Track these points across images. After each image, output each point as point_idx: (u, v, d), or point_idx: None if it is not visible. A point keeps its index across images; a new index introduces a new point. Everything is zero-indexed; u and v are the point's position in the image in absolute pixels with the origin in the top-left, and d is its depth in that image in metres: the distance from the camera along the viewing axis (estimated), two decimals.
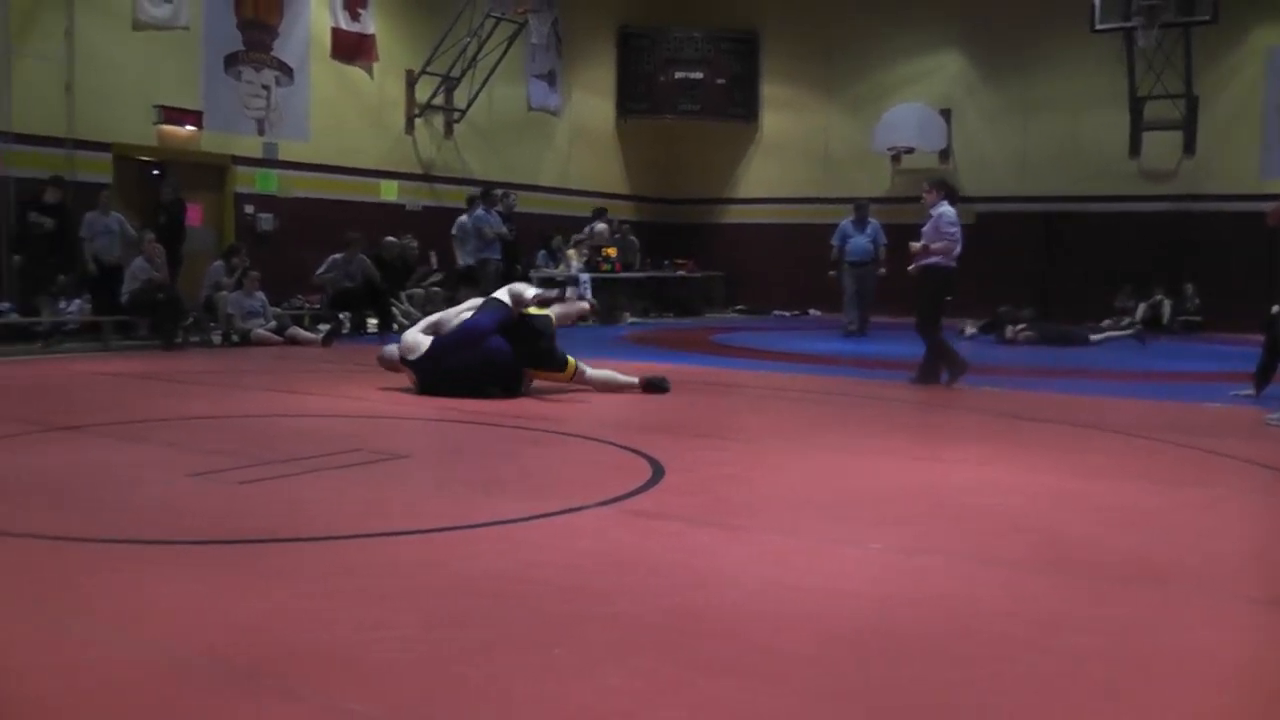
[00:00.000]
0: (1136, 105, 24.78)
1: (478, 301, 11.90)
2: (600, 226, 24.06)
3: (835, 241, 20.49)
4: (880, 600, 4.64)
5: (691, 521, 5.97)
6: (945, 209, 12.48)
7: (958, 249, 12.45)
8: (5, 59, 16.80)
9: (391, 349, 11.76)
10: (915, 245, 12.60)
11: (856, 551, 5.44)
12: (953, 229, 12.37)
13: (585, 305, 12.71)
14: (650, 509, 6.27)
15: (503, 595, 4.59)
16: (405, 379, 11.28)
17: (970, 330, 20.07)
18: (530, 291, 11.83)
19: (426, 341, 11.16)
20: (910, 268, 12.87)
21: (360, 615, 4.31)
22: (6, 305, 16.27)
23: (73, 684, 3.60)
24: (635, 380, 11.54)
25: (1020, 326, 19.42)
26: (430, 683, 3.65)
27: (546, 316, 11.55)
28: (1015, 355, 17.24)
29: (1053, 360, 16.42)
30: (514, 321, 11.25)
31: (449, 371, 10.89)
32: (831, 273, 20.65)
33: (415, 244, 20.85)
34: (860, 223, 20.40)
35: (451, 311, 11.83)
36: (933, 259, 12.37)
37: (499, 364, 10.96)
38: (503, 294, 11.52)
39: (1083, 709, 3.57)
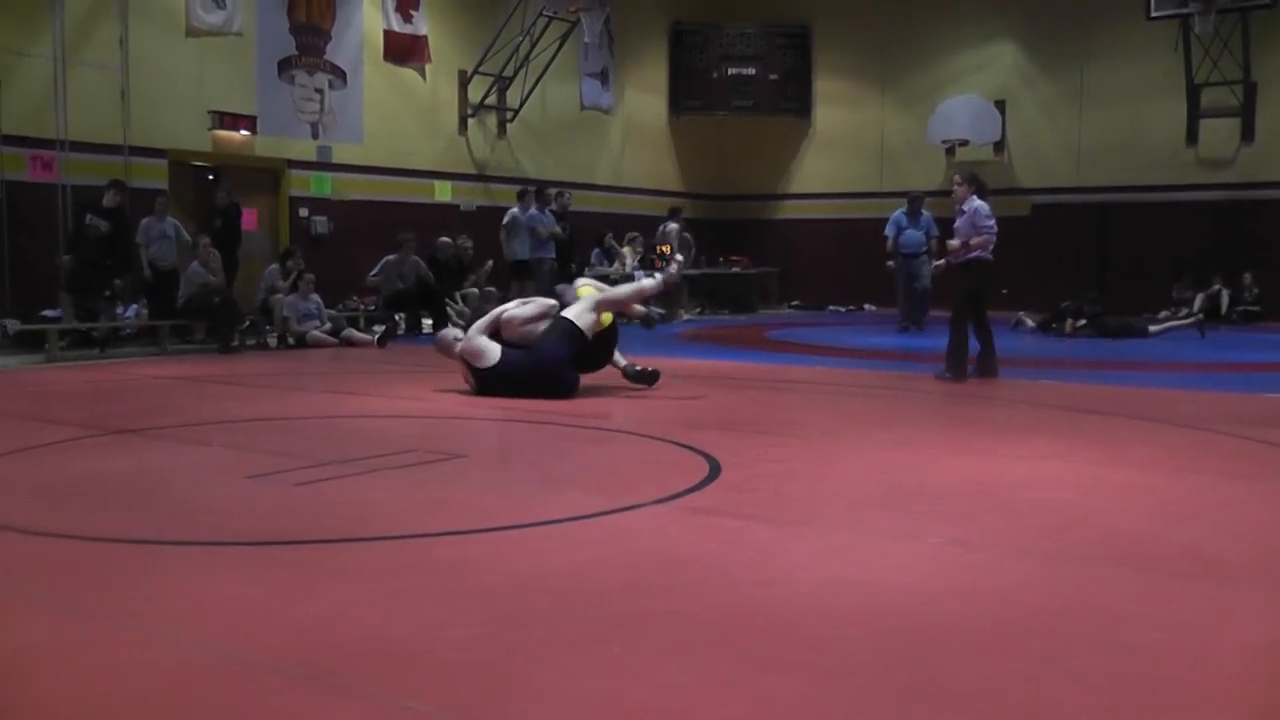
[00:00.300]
0: (1193, 93, 24.57)
1: (544, 302, 11.58)
2: (672, 226, 24.00)
3: (889, 232, 20.36)
4: (938, 595, 4.62)
5: (749, 518, 5.96)
6: (978, 203, 12.46)
7: (994, 242, 12.42)
8: (61, 68, 16.96)
9: (451, 334, 11.69)
10: (953, 243, 12.56)
11: (914, 546, 5.42)
12: (989, 222, 12.35)
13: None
14: (708, 506, 6.26)
15: (561, 594, 4.60)
16: (459, 373, 11.24)
17: (1030, 323, 19.95)
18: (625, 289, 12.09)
19: (495, 352, 10.90)
20: (940, 263, 12.90)
21: (420, 614, 4.33)
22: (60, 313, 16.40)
23: (133, 685, 3.63)
24: (622, 364, 11.50)
25: (1081, 322, 19.20)
26: (490, 681, 3.66)
27: (613, 324, 11.50)
28: (1073, 348, 17.14)
29: (1110, 352, 16.31)
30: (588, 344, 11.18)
31: (513, 384, 10.84)
32: (889, 263, 20.49)
33: (470, 244, 20.88)
34: (914, 215, 20.30)
35: (514, 307, 11.56)
36: (973, 253, 12.35)
37: (566, 390, 10.92)
38: (581, 316, 11.11)
39: (1142, 704, 3.54)
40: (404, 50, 22.09)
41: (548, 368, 10.83)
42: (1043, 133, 26.63)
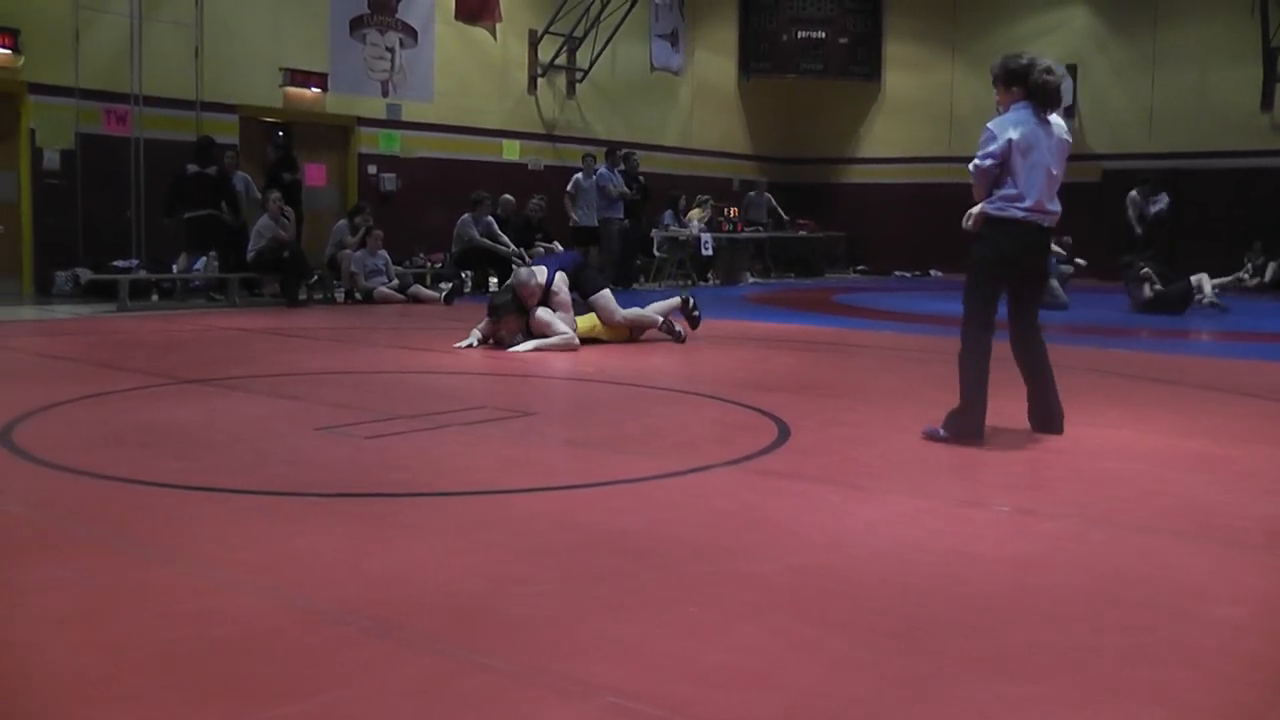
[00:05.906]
0: (1269, 57, 24.24)
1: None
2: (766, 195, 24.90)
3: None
4: (1011, 564, 4.57)
5: (820, 481, 5.94)
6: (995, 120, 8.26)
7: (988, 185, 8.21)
8: (138, 25, 17.07)
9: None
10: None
11: (986, 513, 5.37)
12: (982, 151, 8.11)
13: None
14: (779, 469, 6.24)
15: (634, 553, 4.59)
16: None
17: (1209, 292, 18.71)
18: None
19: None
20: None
21: (492, 570, 4.33)
22: (135, 261, 16.57)
23: (204, 633, 3.64)
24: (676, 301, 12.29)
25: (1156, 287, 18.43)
26: (563, 639, 3.66)
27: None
28: (1137, 318, 16.96)
29: (1175, 323, 16.12)
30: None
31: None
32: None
33: (543, 204, 20.84)
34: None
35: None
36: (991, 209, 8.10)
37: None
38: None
39: (1226, 678, 3.49)
40: (475, 9, 22.08)
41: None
42: (1114, 97, 26.37)
